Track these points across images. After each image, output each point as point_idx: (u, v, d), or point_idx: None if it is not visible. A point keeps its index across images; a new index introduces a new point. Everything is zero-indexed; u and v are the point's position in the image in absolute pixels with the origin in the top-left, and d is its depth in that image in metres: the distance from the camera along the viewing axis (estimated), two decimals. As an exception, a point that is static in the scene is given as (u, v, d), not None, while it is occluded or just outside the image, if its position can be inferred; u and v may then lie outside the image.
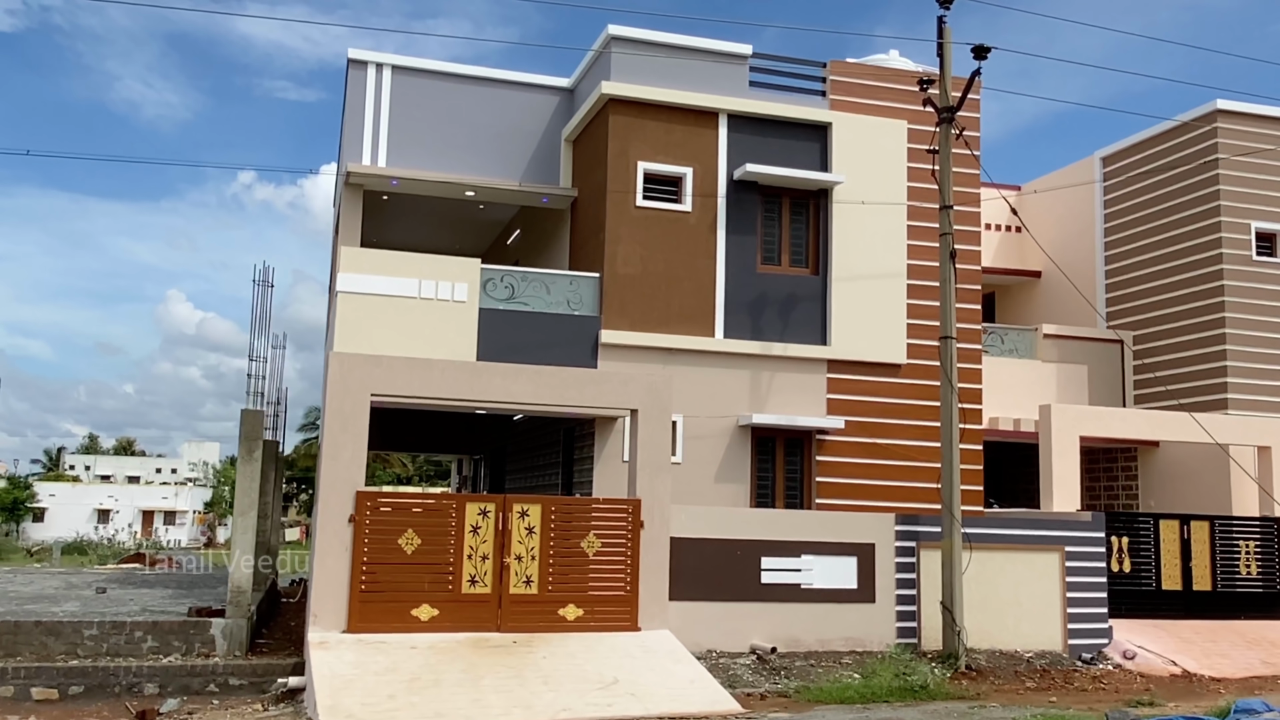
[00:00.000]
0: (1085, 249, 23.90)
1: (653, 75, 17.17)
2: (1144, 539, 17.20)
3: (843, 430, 17.21)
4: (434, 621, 12.67)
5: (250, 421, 13.36)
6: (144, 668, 11.94)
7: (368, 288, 15.52)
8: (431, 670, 11.49)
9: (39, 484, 73.60)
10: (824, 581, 14.36)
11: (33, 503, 67.58)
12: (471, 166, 18.61)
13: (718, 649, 13.76)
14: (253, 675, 12.16)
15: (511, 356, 15.67)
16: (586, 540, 13.30)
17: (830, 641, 14.20)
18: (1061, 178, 24.94)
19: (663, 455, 13.82)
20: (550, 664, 11.98)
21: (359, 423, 12.71)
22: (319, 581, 12.40)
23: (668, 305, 16.75)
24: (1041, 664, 14.50)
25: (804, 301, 17.44)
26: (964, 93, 14.97)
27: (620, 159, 16.83)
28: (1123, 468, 22.29)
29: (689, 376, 16.63)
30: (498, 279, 16.35)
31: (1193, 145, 21.20)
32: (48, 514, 68.21)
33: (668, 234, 16.90)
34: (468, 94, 18.76)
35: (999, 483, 22.10)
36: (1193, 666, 14.68)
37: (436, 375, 13.11)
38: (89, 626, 12.51)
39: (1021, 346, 21.63)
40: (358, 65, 18.26)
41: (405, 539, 12.69)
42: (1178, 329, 21.24)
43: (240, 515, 13.23)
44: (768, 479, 17.08)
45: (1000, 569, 15.13)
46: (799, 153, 17.65)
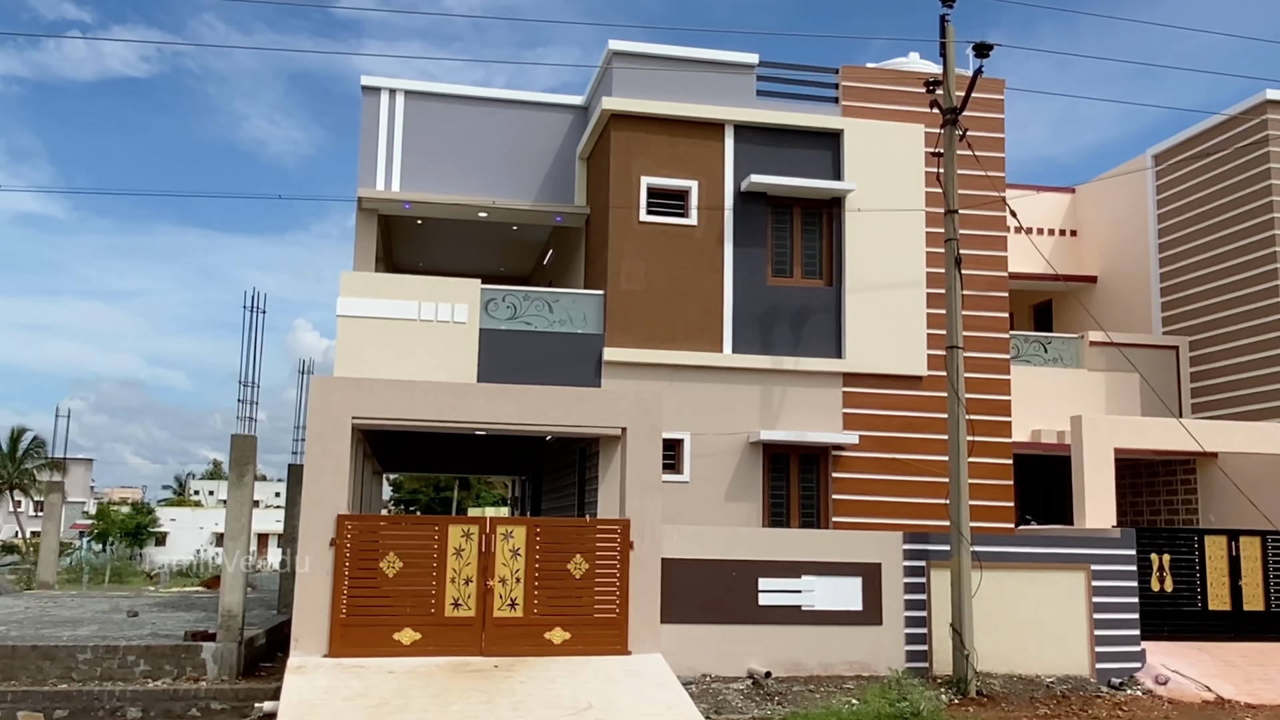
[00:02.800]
0: (1139, 251, 22.82)
1: (657, 89, 16.96)
2: (1187, 556, 16.23)
3: (860, 446, 16.66)
4: (416, 646, 12.56)
5: (240, 447, 13.47)
6: (129, 692, 12.06)
7: (367, 311, 15.60)
8: (402, 695, 11.36)
9: (161, 509, 76.83)
10: (826, 603, 13.84)
11: (155, 527, 70.69)
12: (487, 188, 18.60)
13: (713, 673, 13.36)
14: (235, 700, 12.19)
15: (513, 377, 15.58)
16: (573, 562, 13.06)
17: (834, 666, 13.67)
18: (1114, 178, 23.90)
19: (653, 474, 13.50)
20: (526, 689, 11.74)
21: (340, 446, 12.69)
22: (300, 605, 12.39)
23: (674, 321, 16.45)
24: (1062, 689, 13.71)
25: (817, 313, 16.95)
26: (967, 92, 14.39)
27: (623, 174, 16.63)
28: (1181, 481, 21.13)
29: (697, 393, 16.30)
30: (499, 299, 16.28)
31: (1244, 139, 20.09)
32: (169, 538, 71.19)
33: (673, 249, 16.62)
34: (482, 116, 18.78)
35: (1045, 498, 21.16)
36: (1229, 692, 13.72)
37: (419, 397, 13.04)
38: (83, 651, 12.70)
39: (1066, 355, 20.70)
40: (371, 91, 18.44)
41: (387, 562, 12.62)
42: (1234, 333, 20.09)
43: (231, 540, 13.33)
44: (782, 497, 16.60)
45: (1019, 589, 14.39)
46: (810, 162, 17.21)
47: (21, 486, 63.66)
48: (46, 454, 62.37)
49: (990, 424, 17.20)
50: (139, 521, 69.53)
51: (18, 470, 62.13)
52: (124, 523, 68.77)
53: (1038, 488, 22.40)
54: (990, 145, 17.80)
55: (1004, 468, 17.14)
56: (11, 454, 62.09)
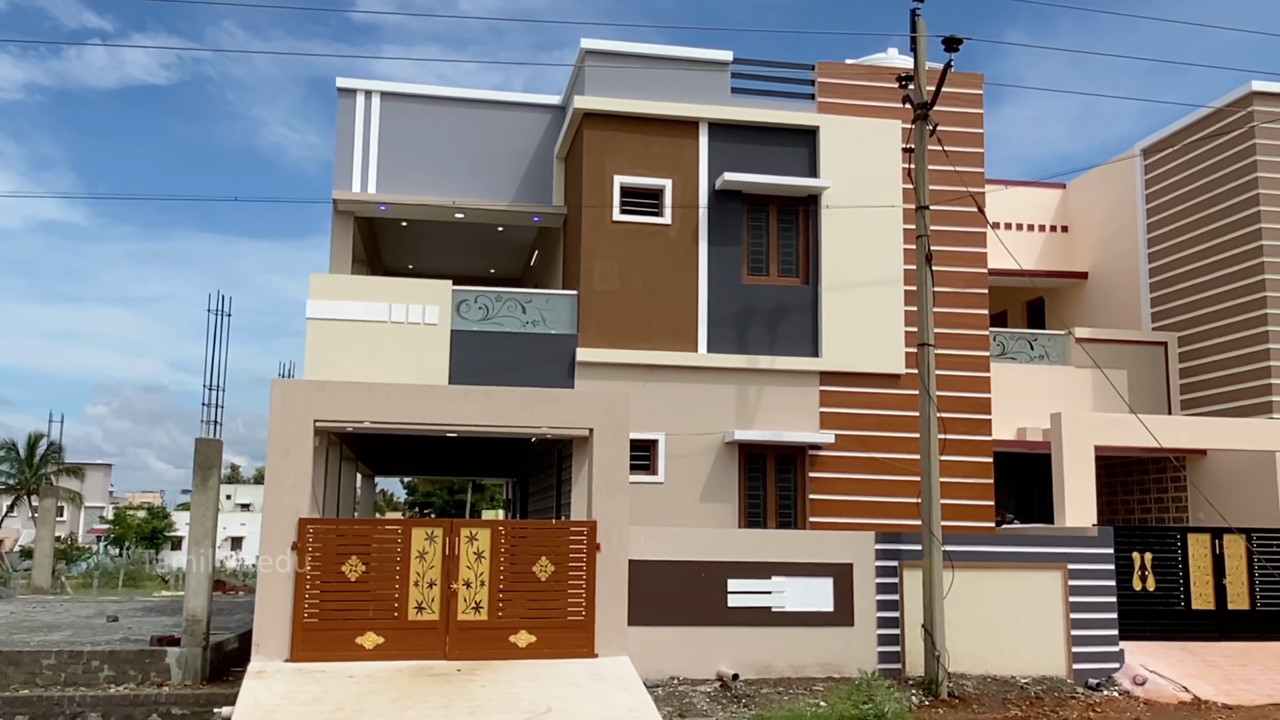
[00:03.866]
0: (1129, 247, 22.58)
1: (631, 88, 16.84)
2: (1170, 555, 16.01)
3: (838, 445, 16.49)
4: (379, 650, 12.47)
5: (204, 451, 13.40)
6: (89, 697, 12.02)
7: (337, 314, 15.52)
8: (359, 700, 11.26)
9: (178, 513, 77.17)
10: (797, 604, 13.69)
11: (170, 531, 71.06)
12: (465, 188, 18.49)
13: (682, 676, 13.23)
14: (196, 705, 12.13)
15: (486, 378, 15.48)
16: (539, 564, 12.95)
17: (805, 668, 13.51)
18: (1104, 172, 23.68)
19: (620, 475, 13.37)
20: (486, 693, 11.63)
21: (302, 449, 12.62)
22: (262, 610, 12.32)
23: (647, 321, 16.33)
24: (1037, 691, 13.53)
25: (794, 312, 16.81)
26: (937, 87, 14.21)
27: (596, 174, 16.52)
28: (1172, 478, 20.89)
29: (671, 393, 16.17)
30: (471, 300, 16.18)
31: (1229, 131, 19.84)
32: (185, 542, 71.46)
33: (647, 248, 16.50)
34: (459, 116, 18.67)
35: (1031, 497, 20.96)
36: (1207, 693, 13.51)
37: (381, 399, 12.95)
38: (47, 656, 12.65)
39: (1053, 352, 20.48)
40: (347, 94, 18.36)
41: (349, 565, 12.53)
42: (1222, 329, 19.84)
43: (195, 544, 13.26)
44: (758, 498, 16.45)
45: (995, 589, 14.22)
46: (786, 159, 17.06)
47: (39, 492, 64.24)
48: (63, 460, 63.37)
49: (969, 422, 17.04)
50: (154, 526, 70.02)
51: (35, 475, 62.69)
52: (140, 527, 69.30)
53: (1025, 486, 22.21)
54: (968, 140, 17.65)
55: (984, 466, 16.96)
56: (29, 459, 62.68)
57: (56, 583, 35.12)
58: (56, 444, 63.38)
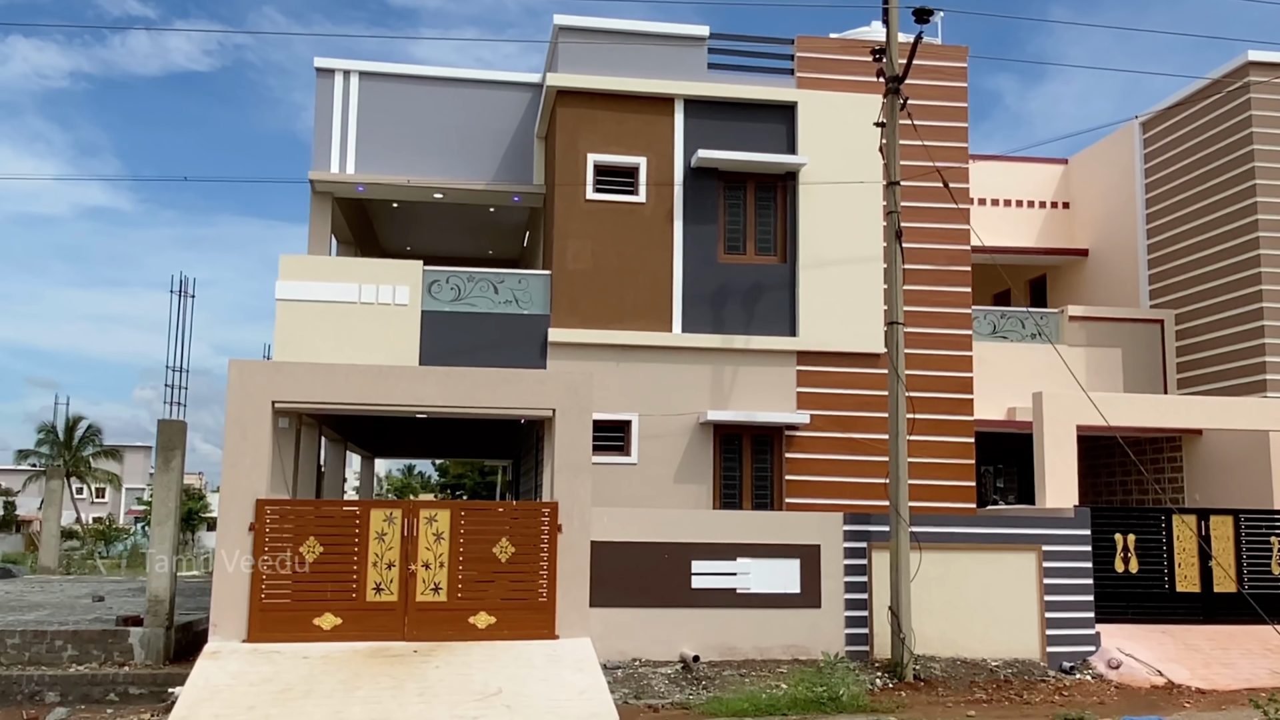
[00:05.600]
0: (1128, 223, 22.12)
1: (605, 64, 16.63)
2: (1154, 536, 15.72)
3: (815, 426, 16.28)
4: (336, 631, 12.46)
5: (167, 432, 13.40)
6: (46, 676, 12.06)
7: (306, 295, 15.47)
8: (308, 681, 11.23)
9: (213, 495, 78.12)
10: (763, 586, 13.54)
11: (206, 513, 72.04)
12: (445, 168, 18.33)
13: (644, 657, 13.14)
14: (153, 684, 12.14)
15: (456, 359, 15.41)
16: (499, 546, 12.87)
17: (770, 650, 13.37)
18: (1104, 147, 23.20)
19: (583, 456, 13.26)
20: (439, 674, 11.57)
21: (260, 430, 12.58)
22: (219, 590, 12.32)
23: (621, 300, 16.16)
24: (1007, 674, 13.32)
25: (771, 291, 16.57)
26: (908, 59, 13.90)
27: (569, 152, 16.34)
28: (1168, 459, 20.51)
29: (645, 373, 16.02)
30: (443, 280, 16.08)
31: (1226, 103, 19.33)
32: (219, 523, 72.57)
33: (621, 227, 16.32)
34: (439, 96, 18.49)
35: (1021, 477, 20.64)
36: (1182, 677, 13.24)
37: (340, 380, 12.89)
38: (11, 635, 12.72)
39: (1046, 330, 20.12)
40: (325, 74, 18.26)
41: (307, 546, 12.51)
42: (1218, 305, 19.38)
43: (158, 525, 13.29)
44: (734, 479, 16.27)
45: (966, 571, 14.01)
46: (763, 135, 16.80)
47: (79, 474, 65.57)
48: (101, 442, 64.51)
49: (951, 402, 16.77)
50: (190, 507, 70.86)
51: (74, 458, 63.85)
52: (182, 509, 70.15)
53: (1025, 467, 21.87)
54: (951, 115, 17.31)
55: (965, 446, 16.68)
56: (68, 442, 63.78)
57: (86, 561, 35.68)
58: (95, 427, 64.84)
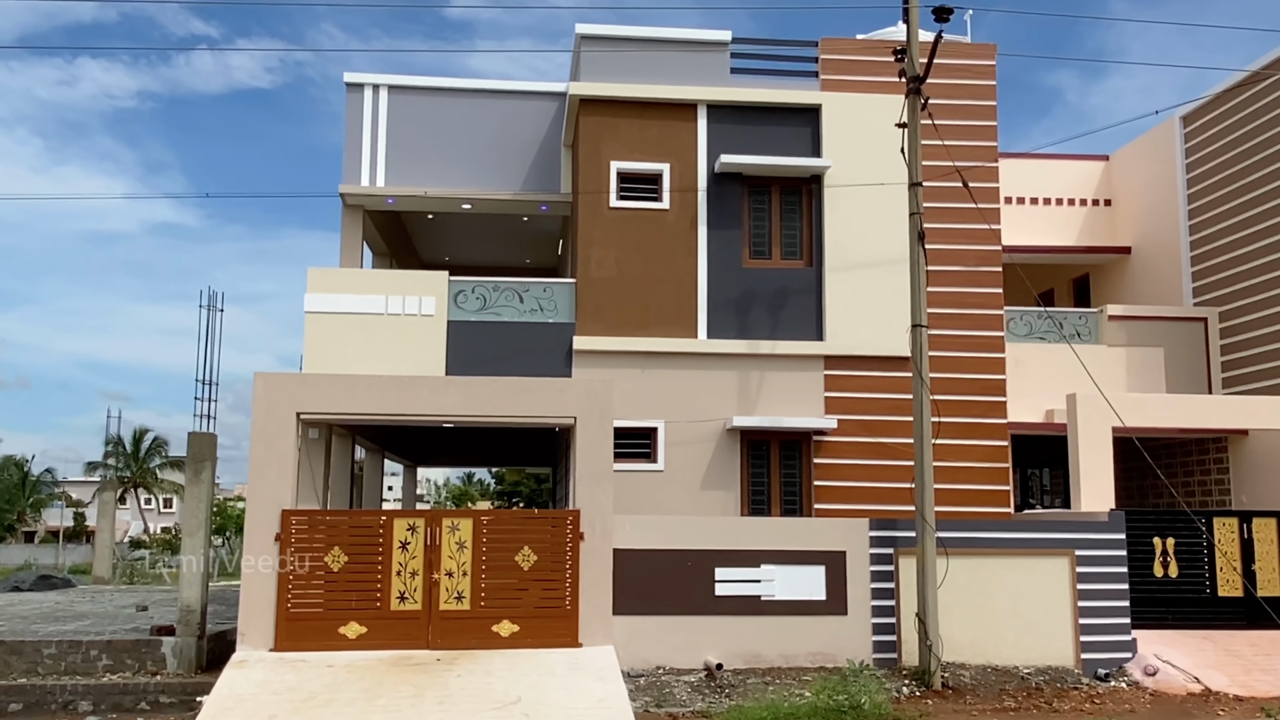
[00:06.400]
0: (1170, 219, 21.67)
1: (628, 72, 16.65)
2: (1194, 540, 15.34)
3: (844, 430, 16.14)
4: (362, 639, 12.56)
5: (197, 444, 13.63)
6: (80, 685, 12.30)
7: (334, 307, 15.66)
8: (331, 690, 11.34)
9: None
10: (787, 593, 13.41)
11: None
12: (475, 179, 18.47)
13: (668, 665, 13.08)
14: (183, 694, 12.33)
15: (483, 369, 15.51)
16: (521, 554, 12.90)
17: (795, 658, 13.25)
18: (1145, 143, 22.76)
19: (604, 464, 13.25)
20: (460, 683, 11.63)
21: (285, 441, 12.75)
22: (246, 600, 12.49)
23: (646, 307, 16.16)
24: (1039, 681, 13.06)
25: (797, 295, 16.47)
26: (929, 59, 13.76)
27: (592, 160, 16.38)
28: (1214, 460, 20.01)
29: (671, 380, 16.00)
30: (469, 290, 16.19)
31: (1267, 95, 18.85)
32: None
33: (645, 234, 16.32)
34: (467, 107, 18.66)
35: (1063, 480, 20.25)
36: (1220, 684, 12.90)
37: (362, 391, 13.02)
38: (48, 646, 13.00)
39: (1084, 331, 19.76)
40: (354, 88, 18.48)
41: (332, 556, 12.64)
42: (1262, 303, 18.91)
43: (189, 535, 13.51)
44: (763, 485, 16.18)
45: (996, 576, 13.76)
46: (788, 139, 16.72)
47: (146, 485, 67.04)
48: (167, 453, 65.99)
49: (983, 405, 16.54)
50: None
51: (141, 469, 65.27)
52: (239, 518, 71.56)
53: (1063, 469, 21.48)
54: (979, 114, 17.09)
55: (998, 450, 16.43)
56: (135, 454, 65.24)
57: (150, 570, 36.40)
58: (161, 439, 66.32)
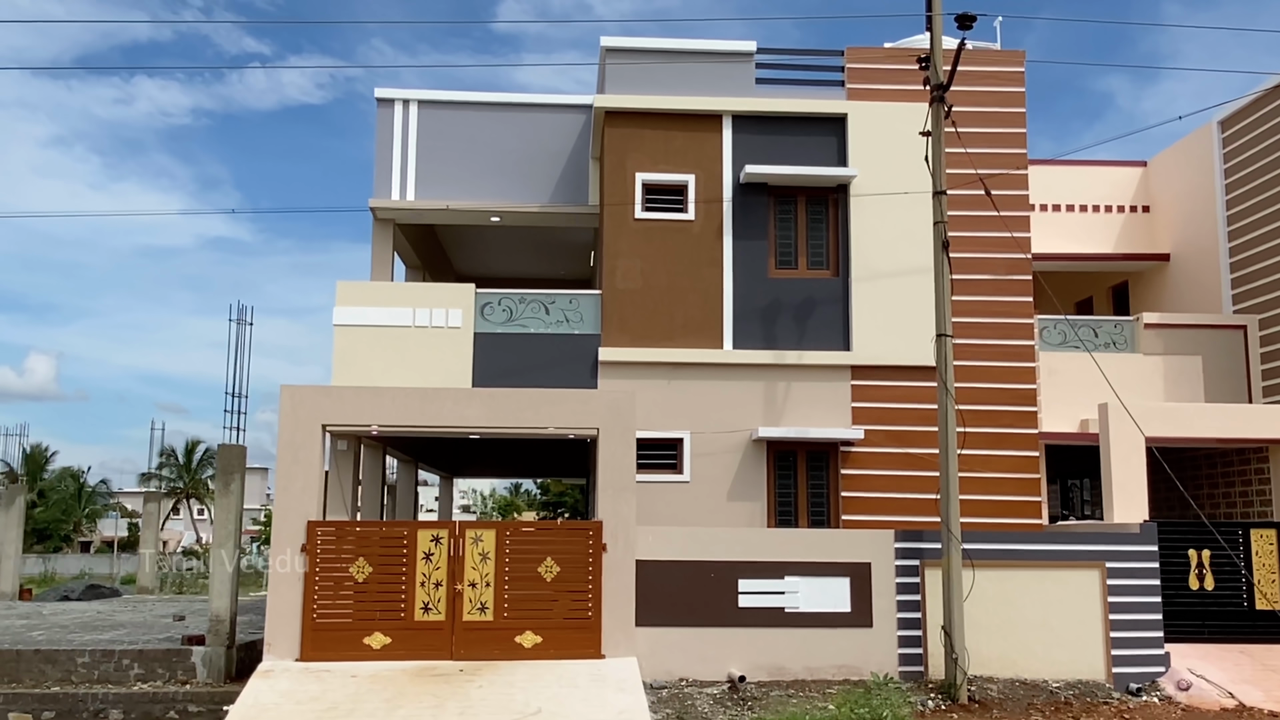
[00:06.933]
0: (1208, 226, 21.31)
1: (653, 84, 16.70)
2: (1231, 551, 15.03)
3: (871, 441, 16.02)
4: (386, 650, 12.67)
5: (226, 456, 13.85)
6: (113, 694, 12.52)
7: (362, 320, 15.82)
8: (353, 700, 11.44)
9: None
10: (812, 605, 13.34)
11: None
12: (503, 192, 18.53)
13: (691, 677, 13.05)
14: (211, 703, 12.51)
15: (509, 380, 15.59)
16: (544, 565, 12.94)
17: (820, 670, 13.16)
18: (1183, 148, 22.41)
19: (626, 475, 13.28)
20: (481, 693, 11.68)
21: (310, 453, 12.91)
22: (273, 610, 12.64)
23: (671, 318, 16.17)
24: (1068, 695, 12.87)
25: (823, 305, 16.39)
26: (953, 66, 13.66)
27: (617, 172, 16.45)
28: (1255, 470, 19.59)
29: (696, 391, 15.98)
30: (495, 303, 16.29)
31: (1306, 98, 18.52)
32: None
33: (670, 245, 16.34)
34: (496, 121, 18.72)
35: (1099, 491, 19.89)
36: (1255, 699, 12.63)
37: (386, 403, 13.16)
38: (81, 655, 13.24)
39: (1120, 339, 19.46)
40: (385, 103, 18.66)
41: (357, 567, 12.76)
42: (1304, 309, 18.53)
43: (218, 546, 13.70)
44: (790, 496, 16.10)
45: (1025, 589, 13.59)
46: (813, 149, 16.67)
47: (198, 495, 68.07)
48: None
49: (1013, 414, 16.35)
50: None
51: (193, 480, 66.28)
52: None
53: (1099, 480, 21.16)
54: (1008, 121, 16.94)
55: (1029, 460, 16.23)
56: (187, 465, 66.27)
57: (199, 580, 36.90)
58: (213, 450, 67.43)
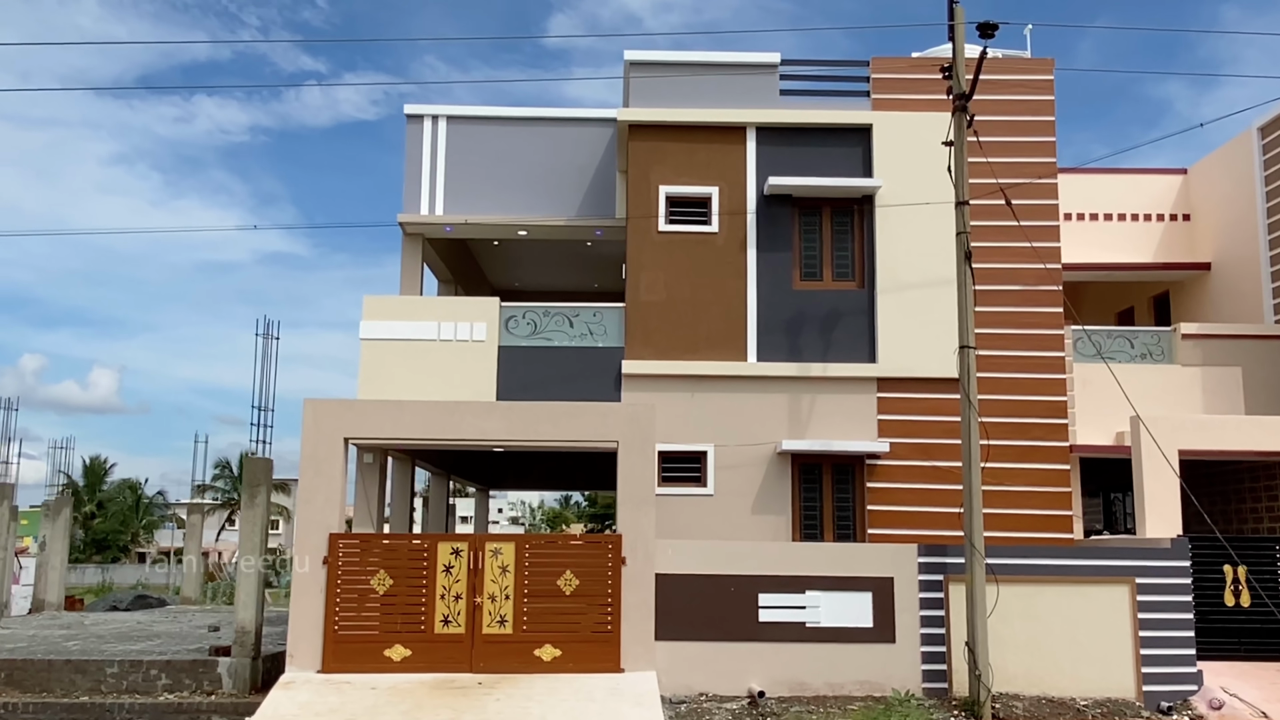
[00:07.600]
0: (1249, 234, 20.87)
1: (677, 97, 16.72)
2: (1268, 568, 14.68)
3: (898, 454, 15.86)
4: (406, 662, 12.74)
5: (252, 469, 14.02)
6: (138, 704, 12.70)
7: (388, 334, 15.97)
8: (372, 712, 11.51)
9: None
10: (833, 620, 13.21)
11: None
12: (532, 205, 18.62)
13: (710, 692, 12.97)
14: (235, 714, 12.62)
15: (533, 393, 15.63)
16: (564, 579, 12.95)
17: (842, 686, 13.02)
18: (1222, 155, 21.99)
19: (646, 488, 13.27)
20: (498, 707, 11.70)
21: (333, 466, 13.04)
22: (295, 622, 12.77)
23: (695, 331, 16.14)
24: (1096, 713, 12.62)
25: (849, 317, 16.28)
26: (975, 75, 13.53)
27: (641, 185, 16.47)
28: (1298, 484, 19.12)
29: (720, 403, 15.93)
30: (519, 316, 16.37)
31: (1347, 103, 18.10)
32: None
33: (694, 257, 16.32)
34: (524, 136, 18.81)
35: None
36: (1290, 719, 12.30)
37: (408, 416, 13.25)
38: (110, 665, 13.45)
39: (1157, 350, 19.11)
40: (415, 119, 18.85)
41: (378, 579, 12.86)
42: (1347, 318, 18.07)
43: (243, 557, 13.86)
44: (815, 509, 15.97)
45: (1052, 605, 13.35)
46: (838, 159, 16.58)
47: None
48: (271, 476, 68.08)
49: (1043, 427, 16.10)
50: None
51: None
52: None
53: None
54: (1037, 129, 16.74)
55: (1060, 474, 15.97)
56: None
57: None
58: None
